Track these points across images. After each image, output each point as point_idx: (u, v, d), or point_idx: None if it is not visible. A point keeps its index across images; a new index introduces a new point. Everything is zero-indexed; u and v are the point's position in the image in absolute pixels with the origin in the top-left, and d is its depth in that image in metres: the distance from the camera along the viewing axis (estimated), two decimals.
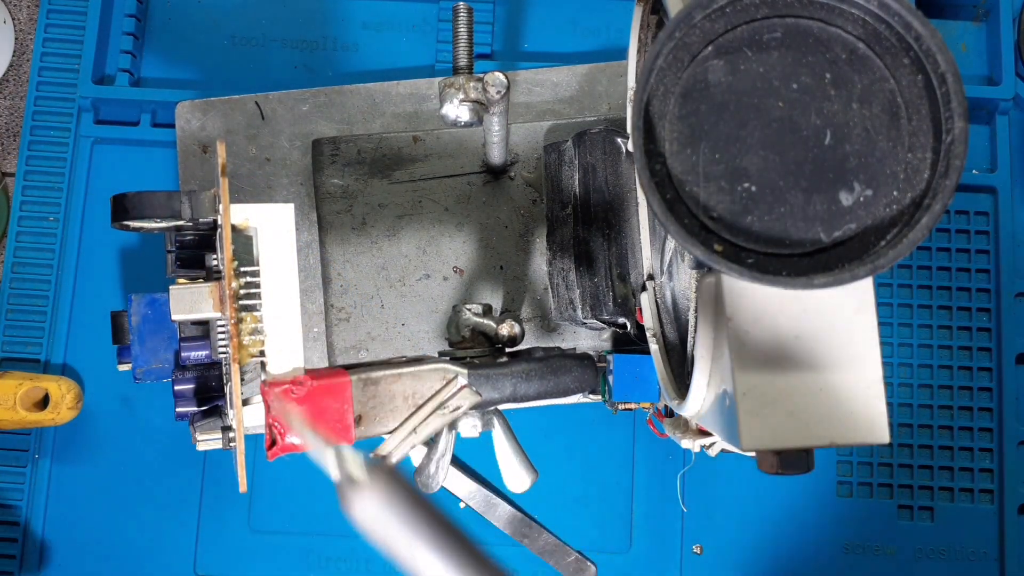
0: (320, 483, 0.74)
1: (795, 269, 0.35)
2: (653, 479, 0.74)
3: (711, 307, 0.40)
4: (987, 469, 0.74)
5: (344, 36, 0.80)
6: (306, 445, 0.44)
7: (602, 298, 0.65)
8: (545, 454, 0.74)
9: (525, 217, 0.74)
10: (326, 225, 0.73)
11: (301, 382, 0.47)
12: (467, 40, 0.58)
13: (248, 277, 0.48)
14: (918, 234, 0.34)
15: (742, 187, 0.36)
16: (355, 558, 0.73)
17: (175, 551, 0.73)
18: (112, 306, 0.75)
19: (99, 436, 0.74)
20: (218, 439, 0.54)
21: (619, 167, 0.66)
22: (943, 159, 0.35)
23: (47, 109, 0.79)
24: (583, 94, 0.74)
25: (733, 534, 0.73)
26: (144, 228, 0.54)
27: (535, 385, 0.53)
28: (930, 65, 0.35)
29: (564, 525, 0.73)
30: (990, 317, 0.76)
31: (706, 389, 0.43)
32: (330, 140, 0.74)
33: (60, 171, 0.77)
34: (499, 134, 0.63)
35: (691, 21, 0.36)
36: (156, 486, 0.73)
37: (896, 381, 0.75)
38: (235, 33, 0.80)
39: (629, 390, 0.59)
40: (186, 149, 0.73)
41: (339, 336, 0.73)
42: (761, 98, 0.36)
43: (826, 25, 0.36)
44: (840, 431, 0.39)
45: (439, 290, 0.74)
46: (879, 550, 0.73)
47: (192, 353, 0.57)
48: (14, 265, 0.76)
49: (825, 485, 0.74)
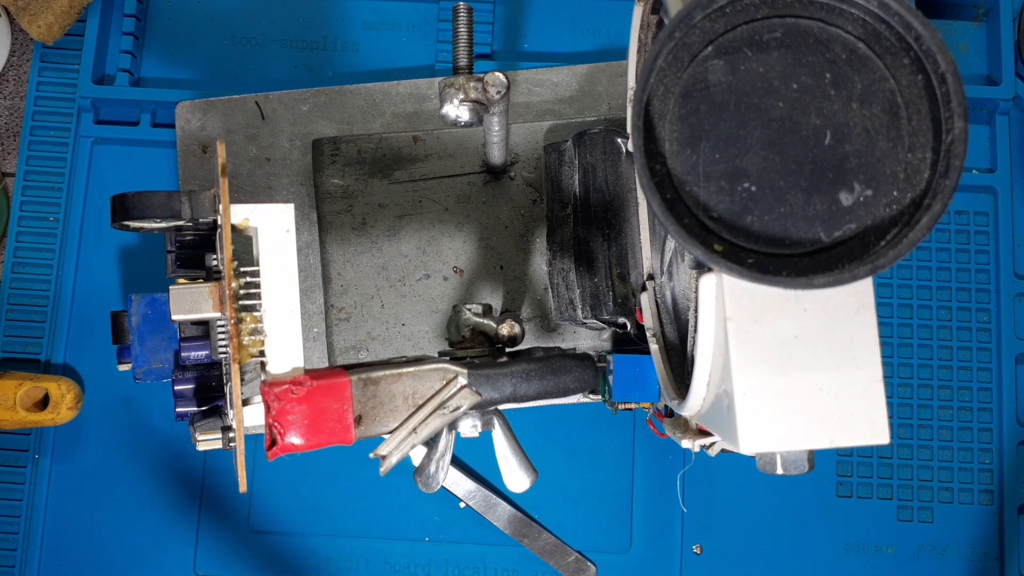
0: (320, 483, 0.74)
1: (795, 269, 0.35)
2: (653, 479, 0.74)
3: (711, 307, 0.40)
4: (987, 469, 0.74)
5: (344, 36, 0.80)
6: None
7: (602, 298, 0.65)
8: (545, 454, 0.74)
9: (525, 217, 0.74)
10: (326, 225, 0.73)
11: (301, 382, 0.47)
12: (467, 40, 0.58)
13: (248, 277, 0.48)
14: (918, 234, 0.34)
15: (742, 187, 0.36)
16: (355, 558, 0.73)
17: (175, 551, 0.73)
18: (112, 306, 0.75)
19: (99, 436, 0.74)
20: (218, 439, 0.54)
21: (619, 167, 0.66)
22: (943, 159, 0.35)
23: (47, 109, 0.79)
24: (583, 94, 0.74)
25: (733, 534, 0.73)
26: (144, 228, 0.54)
27: (535, 385, 0.53)
28: (930, 65, 0.35)
29: (564, 525, 0.73)
30: (990, 317, 0.76)
31: (706, 389, 0.43)
32: (330, 140, 0.74)
33: (60, 171, 0.77)
34: (499, 134, 0.63)
35: (691, 21, 0.36)
36: (156, 486, 0.73)
37: (896, 381, 0.75)
38: (235, 33, 0.80)
39: (629, 390, 0.59)
40: (186, 149, 0.73)
41: (339, 336, 0.73)
42: (761, 98, 0.36)
43: (826, 25, 0.36)
44: (840, 431, 0.39)
45: (439, 290, 0.74)
46: (879, 550, 0.73)
47: (192, 353, 0.57)
48: (14, 265, 0.76)
49: (825, 485, 0.74)
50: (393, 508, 0.74)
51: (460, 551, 0.73)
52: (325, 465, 0.74)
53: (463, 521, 0.74)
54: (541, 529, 0.73)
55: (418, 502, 0.74)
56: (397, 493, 0.74)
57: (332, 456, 0.73)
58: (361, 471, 0.74)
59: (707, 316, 0.40)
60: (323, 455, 0.73)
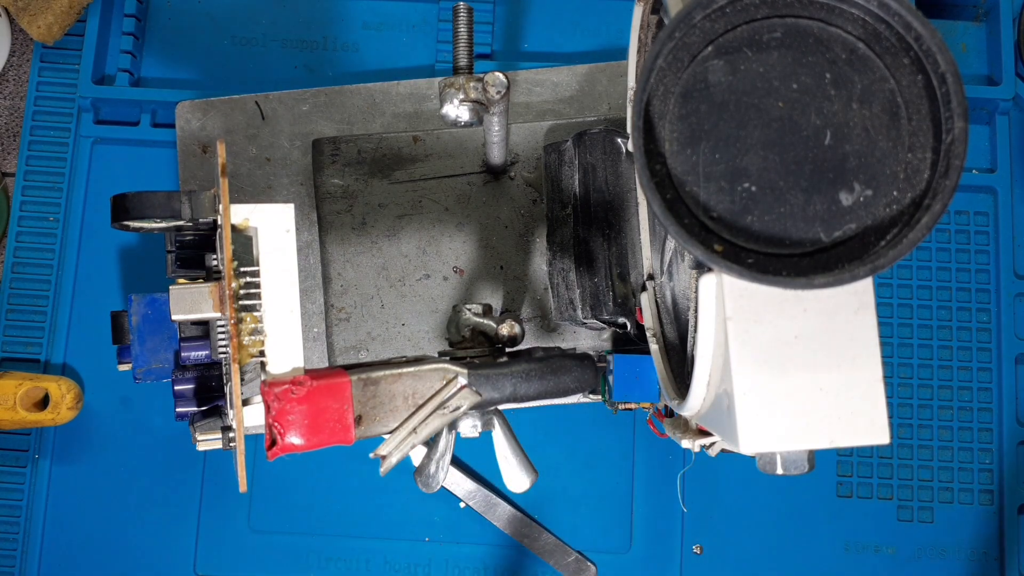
0: (320, 483, 0.74)
1: (795, 269, 0.35)
2: (653, 479, 0.74)
3: (711, 307, 0.40)
4: (987, 469, 0.74)
5: (344, 36, 0.80)
6: None
7: (602, 298, 0.65)
8: (545, 454, 0.74)
9: (525, 217, 0.74)
10: (326, 225, 0.73)
11: (301, 382, 0.47)
12: (467, 40, 0.58)
13: (248, 277, 0.48)
14: (918, 234, 0.34)
15: (742, 187, 0.36)
16: (355, 558, 0.73)
17: (175, 551, 0.73)
18: (112, 306, 0.75)
19: (99, 436, 0.74)
20: (218, 439, 0.54)
21: (619, 167, 0.66)
22: (943, 159, 0.35)
23: (47, 109, 0.79)
24: (583, 94, 0.74)
25: (733, 534, 0.73)
26: (144, 228, 0.54)
27: (535, 385, 0.53)
28: (930, 65, 0.35)
29: (564, 525, 0.73)
30: (990, 317, 0.76)
31: (706, 389, 0.43)
32: (330, 140, 0.74)
33: (60, 171, 0.77)
34: (499, 134, 0.63)
35: (691, 21, 0.36)
36: (156, 486, 0.73)
37: (896, 381, 0.75)
38: (235, 33, 0.80)
39: (629, 390, 0.59)
40: (186, 149, 0.73)
41: (339, 336, 0.73)
42: (761, 98, 0.36)
43: (826, 25, 0.36)
44: (840, 431, 0.39)
45: (439, 290, 0.74)
46: (879, 550, 0.73)
47: (192, 353, 0.57)
48: (14, 265, 0.76)
49: (825, 485, 0.74)
50: (393, 508, 0.74)
51: (460, 551, 0.73)
52: (325, 465, 0.74)
53: (463, 521, 0.74)
54: (541, 529, 0.73)
55: (418, 502, 0.74)
56: (397, 493, 0.74)
57: (332, 456, 0.73)
58: (361, 471, 0.74)
59: (707, 316, 0.40)
60: (323, 455, 0.73)
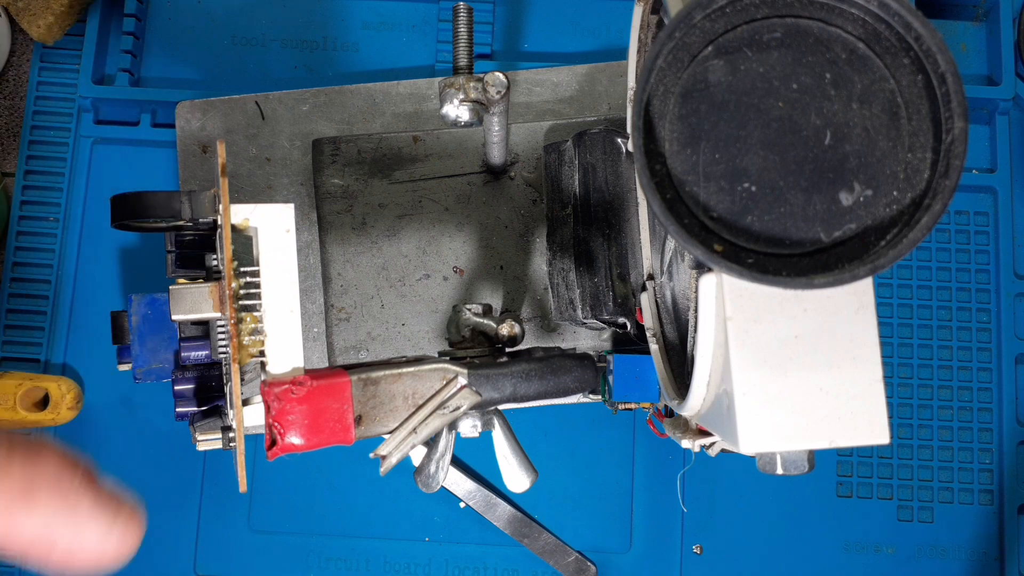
0: (320, 483, 0.74)
1: (795, 269, 0.35)
2: (653, 479, 0.74)
3: (711, 307, 0.40)
4: (987, 469, 0.74)
5: (344, 36, 0.80)
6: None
7: (602, 298, 0.65)
8: (545, 454, 0.74)
9: (525, 217, 0.74)
10: (326, 225, 0.73)
11: (301, 382, 0.47)
12: (467, 40, 0.58)
13: (248, 277, 0.48)
14: (918, 234, 0.34)
15: (742, 187, 0.36)
16: (355, 558, 0.73)
17: (175, 551, 0.73)
18: (112, 306, 0.75)
19: (99, 436, 0.74)
20: (218, 439, 0.54)
21: (619, 167, 0.66)
22: (943, 159, 0.35)
23: (47, 109, 0.79)
24: (583, 94, 0.74)
25: (733, 534, 0.73)
26: (144, 228, 0.54)
27: (535, 385, 0.53)
28: (930, 65, 0.35)
29: (564, 525, 0.73)
30: (990, 317, 0.76)
31: (706, 389, 0.43)
32: (330, 140, 0.74)
33: (60, 171, 0.77)
34: (499, 134, 0.63)
35: (691, 21, 0.36)
36: (156, 486, 0.73)
37: (896, 381, 0.75)
38: (235, 33, 0.80)
39: (629, 390, 0.59)
40: (186, 149, 0.73)
41: (339, 336, 0.73)
42: (761, 98, 0.36)
43: (826, 25, 0.36)
44: (840, 431, 0.39)
45: (439, 290, 0.74)
46: (879, 550, 0.73)
47: (192, 353, 0.57)
48: (14, 265, 0.76)
49: (825, 485, 0.74)
50: (393, 508, 0.74)
51: (460, 551, 0.73)
52: (325, 465, 0.74)
53: (463, 521, 0.74)
54: (541, 529, 0.73)
55: (418, 502, 0.74)
56: (397, 493, 0.74)
57: (332, 456, 0.73)
58: (361, 471, 0.74)
59: (707, 316, 0.40)
60: (323, 455, 0.73)
